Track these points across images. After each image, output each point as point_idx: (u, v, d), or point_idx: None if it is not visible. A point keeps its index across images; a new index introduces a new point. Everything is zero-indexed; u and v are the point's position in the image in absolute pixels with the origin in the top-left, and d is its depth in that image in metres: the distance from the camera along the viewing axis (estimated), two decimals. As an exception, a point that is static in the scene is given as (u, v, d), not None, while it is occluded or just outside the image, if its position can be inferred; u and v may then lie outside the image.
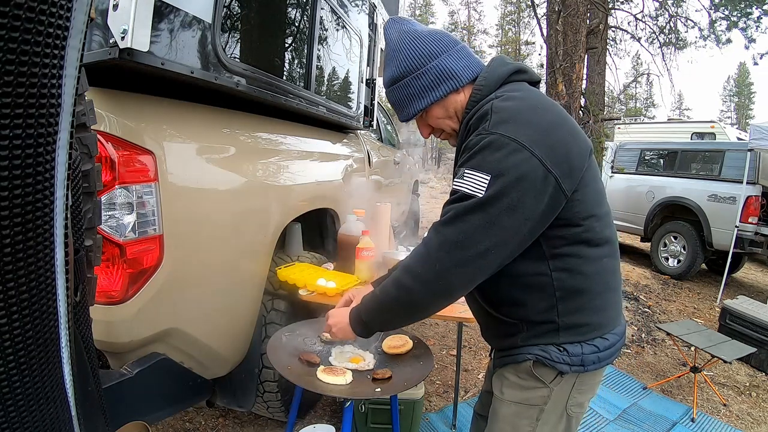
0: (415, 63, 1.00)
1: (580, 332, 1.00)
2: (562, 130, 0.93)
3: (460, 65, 1.00)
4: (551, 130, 0.91)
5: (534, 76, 1.05)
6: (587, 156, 0.96)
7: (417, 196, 5.83)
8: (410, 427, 1.98)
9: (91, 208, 0.66)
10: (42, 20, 0.38)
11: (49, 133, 0.41)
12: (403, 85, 1.02)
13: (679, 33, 7.33)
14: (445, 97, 1.02)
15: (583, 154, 0.94)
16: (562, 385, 1.03)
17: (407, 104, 1.04)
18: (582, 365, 1.00)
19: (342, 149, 2.63)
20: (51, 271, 0.45)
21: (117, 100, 1.26)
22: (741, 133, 8.08)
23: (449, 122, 1.06)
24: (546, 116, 0.93)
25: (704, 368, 2.82)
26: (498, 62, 1.03)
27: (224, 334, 1.62)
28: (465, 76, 1.00)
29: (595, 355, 1.01)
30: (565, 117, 0.97)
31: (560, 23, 5.04)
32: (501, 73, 1.00)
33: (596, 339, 1.01)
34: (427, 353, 1.44)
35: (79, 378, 0.58)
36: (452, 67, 0.99)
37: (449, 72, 0.99)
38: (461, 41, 1.05)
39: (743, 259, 6.16)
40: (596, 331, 1.01)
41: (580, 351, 0.99)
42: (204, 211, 1.44)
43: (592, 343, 1.00)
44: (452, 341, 3.27)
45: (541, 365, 1.01)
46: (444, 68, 0.99)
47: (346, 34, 2.49)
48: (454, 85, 1.00)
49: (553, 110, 0.96)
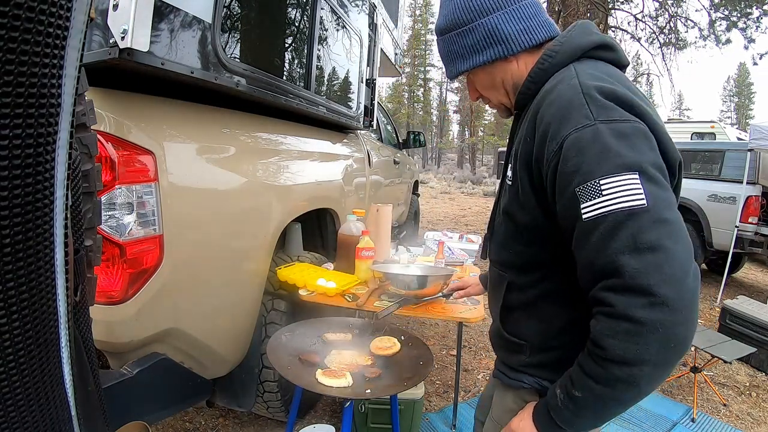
0: (463, 17, 0.85)
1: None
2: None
3: (515, 28, 0.83)
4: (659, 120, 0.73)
5: (623, 58, 0.84)
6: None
7: (417, 196, 5.84)
8: (410, 427, 1.98)
9: (91, 208, 0.66)
10: (42, 20, 0.38)
11: (49, 133, 0.41)
12: (447, 39, 0.89)
13: (679, 33, 7.33)
14: (491, 64, 0.86)
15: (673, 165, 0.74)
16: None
17: (450, 62, 0.91)
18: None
19: (342, 149, 2.63)
20: (51, 271, 0.45)
21: (117, 100, 1.26)
22: (741, 133, 8.07)
23: (496, 94, 0.91)
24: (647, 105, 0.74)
25: (704, 368, 2.82)
26: (580, 29, 0.83)
27: (224, 334, 1.62)
28: (519, 43, 0.83)
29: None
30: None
31: (560, 23, 5.04)
32: (582, 44, 0.80)
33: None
34: (427, 353, 1.44)
35: (79, 378, 0.58)
36: (504, 29, 0.83)
37: (499, 35, 0.83)
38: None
39: (743, 259, 6.15)
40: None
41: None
42: (204, 211, 1.44)
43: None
44: (452, 341, 3.27)
45: (539, 396, 0.88)
46: (493, 29, 0.83)
47: (346, 34, 2.49)
48: (502, 51, 0.84)
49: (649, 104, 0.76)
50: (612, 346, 0.64)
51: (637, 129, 0.69)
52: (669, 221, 0.64)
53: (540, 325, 0.85)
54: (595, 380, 0.68)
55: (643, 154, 0.67)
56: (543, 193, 0.76)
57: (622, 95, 0.71)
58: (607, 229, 0.65)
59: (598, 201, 0.66)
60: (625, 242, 0.63)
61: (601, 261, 0.66)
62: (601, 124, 0.68)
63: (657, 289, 0.61)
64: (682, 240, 0.64)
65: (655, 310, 0.61)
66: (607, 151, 0.66)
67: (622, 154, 0.66)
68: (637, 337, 0.62)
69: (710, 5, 7.11)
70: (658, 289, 0.61)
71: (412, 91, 38.07)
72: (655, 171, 0.67)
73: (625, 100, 0.71)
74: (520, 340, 0.89)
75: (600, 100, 0.70)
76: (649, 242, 0.62)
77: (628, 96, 0.71)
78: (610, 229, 0.65)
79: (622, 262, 0.63)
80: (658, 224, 0.63)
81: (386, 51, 3.77)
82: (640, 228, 0.63)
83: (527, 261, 0.86)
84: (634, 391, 0.66)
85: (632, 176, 0.65)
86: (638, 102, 0.71)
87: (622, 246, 0.63)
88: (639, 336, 0.62)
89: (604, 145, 0.67)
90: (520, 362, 0.90)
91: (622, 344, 0.63)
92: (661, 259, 0.62)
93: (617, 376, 0.65)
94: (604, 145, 0.67)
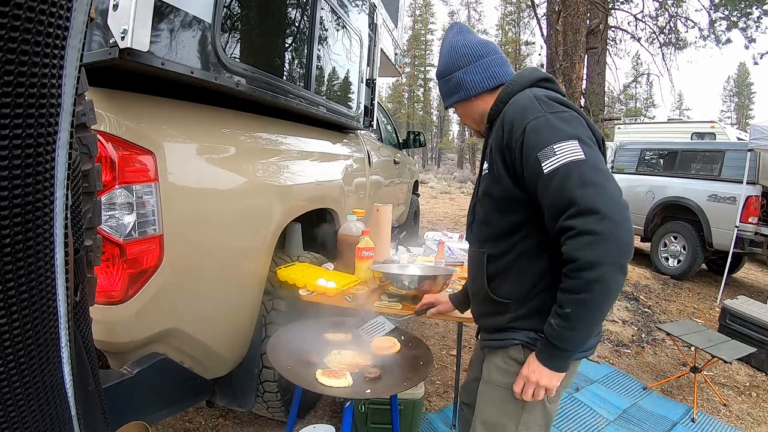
0: (445, 70, 1.21)
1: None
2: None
3: (474, 80, 1.17)
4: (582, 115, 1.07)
5: (561, 88, 1.17)
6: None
7: (417, 196, 5.83)
8: (410, 427, 1.98)
9: (91, 208, 0.66)
10: (42, 20, 0.38)
11: (49, 133, 0.41)
12: (440, 83, 1.25)
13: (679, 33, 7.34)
14: (461, 103, 1.21)
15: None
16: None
17: (443, 99, 1.27)
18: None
19: (342, 149, 2.63)
20: (51, 271, 0.45)
21: (117, 100, 1.26)
22: (741, 133, 8.07)
23: (470, 122, 1.26)
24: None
25: (704, 368, 2.82)
26: (531, 70, 1.18)
27: (224, 334, 1.62)
28: (476, 89, 1.17)
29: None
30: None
31: (560, 23, 5.04)
32: (532, 77, 1.13)
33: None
34: (427, 353, 1.44)
35: (79, 378, 0.58)
36: (465, 80, 1.17)
37: (461, 84, 1.18)
38: (494, 53, 1.19)
39: (743, 259, 6.15)
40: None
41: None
42: (204, 211, 1.44)
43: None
44: (452, 341, 3.27)
45: (528, 350, 1.08)
46: (459, 80, 1.18)
47: (346, 34, 2.49)
48: (465, 95, 1.19)
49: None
50: (581, 256, 0.90)
51: (574, 116, 1.03)
52: (602, 169, 0.95)
53: (518, 281, 1.10)
54: (576, 291, 0.93)
55: (580, 130, 0.99)
56: (513, 168, 1.04)
57: (562, 100, 1.07)
58: (562, 176, 0.94)
59: (553, 159, 0.95)
60: (575, 181, 0.92)
61: (560, 199, 0.94)
62: (549, 115, 1.01)
63: (602, 209, 0.89)
64: (612, 181, 0.95)
65: (604, 223, 0.89)
66: (555, 128, 0.98)
67: (566, 130, 0.98)
68: (596, 245, 0.89)
69: (710, 5, 7.11)
70: (603, 209, 0.89)
71: (412, 91, 38.07)
72: (588, 140, 0.99)
73: (565, 102, 1.06)
74: (505, 299, 1.12)
75: (547, 102, 1.03)
76: (591, 180, 0.92)
77: (566, 101, 1.07)
78: (563, 175, 0.94)
79: (575, 195, 0.92)
80: (595, 169, 0.94)
81: (386, 51, 3.77)
82: (583, 172, 0.93)
83: (503, 229, 1.11)
84: (605, 290, 0.91)
85: (574, 142, 0.96)
86: (574, 105, 1.06)
87: (574, 184, 0.92)
88: (597, 243, 0.89)
89: (553, 126, 0.98)
90: (508, 320, 1.12)
91: (587, 252, 0.90)
92: (600, 191, 0.91)
93: (590, 278, 0.90)
94: (553, 125, 0.99)
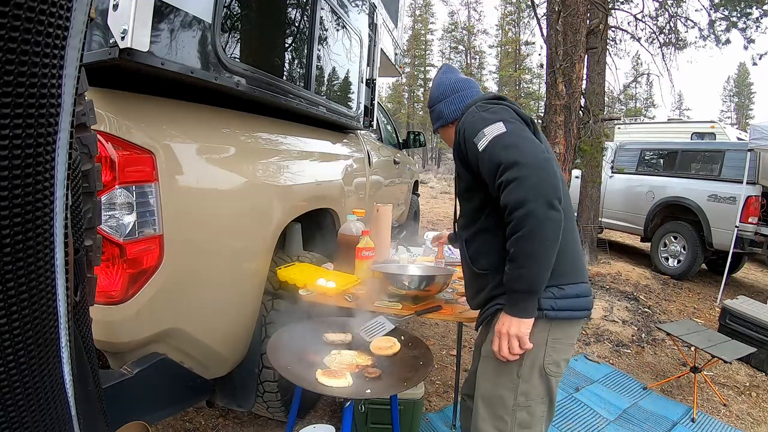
0: (430, 102, 1.50)
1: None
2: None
3: (449, 109, 1.44)
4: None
5: (504, 97, 1.41)
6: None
7: (417, 196, 5.83)
8: (410, 427, 1.98)
9: (91, 208, 0.66)
10: (42, 20, 0.38)
11: (49, 133, 0.41)
12: (430, 111, 1.51)
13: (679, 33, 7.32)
14: (442, 128, 1.49)
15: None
16: (535, 338, 1.17)
17: (432, 123, 1.53)
18: (551, 309, 1.19)
19: (342, 149, 2.63)
20: (51, 271, 0.45)
21: (117, 100, 1.26)
22: (741, 133, 8.07)
23: (450, 143, 1.47)
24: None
25: (704, 368, 2.82)
26: (481, 95, 1.43)
27: (224, 334, 1.62)
28: (451, 116, 1.44)
29: (565, 301, 1.20)
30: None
31: (560, 23, 5.03)
32: (480, 98, 1.39)
33: (565, 285, 1.22)
34: (427, 353, 1.44)
35: (79, 378, 0.58)
36: (444, 110, 1.45)
37: (442, 113, 1.45)
38: (468, 89, 1.44)
39: (743, 259, 6.15)
40: (561, 278, 1.21)
41: (549, 294, 1.20)
42: (204, 211, 1.44)
43: (559, 286, 1.21)
44: (452, 341, 3.27)
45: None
46: (439, 111, 1.46)
47: (346, 34, 2.49)
48: (443, 122, 1.47)
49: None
50: (510, 200, 1.11)
51: (502, 107, 1.27)
52: (522, 135, 1.18)
53: (491, 254, 1.29)
54: (513, 231, 1.12)
55: (504, 115, 1.23)
56: (466, 160, 1.28)
57: (496, 101, 1.32)
58: (491, 148, 1.18)
59: (483, 139, 1.20)
60: (500, 147, 1.16)
61: (492, 165, 1.16)
62: (480, 111, 1.27)
63: (520, 159, 1.12)
64: (530, 142, 1.17)
65: (523, 169, 1.11)
66: (484, 118, 1.23)
67: (492, 117, 1.22)
68: (519, 186, 1.10)
69: (710, 5, 7.10)
70: (521, 159, 1.12)
71: (412, 91, 38.05)
72: (512, 119, 1.22)
73: (496, 101, 1.32)
74: (485, 270, 1.31)
75: (481, 104, 1.30)
76: (512, 143, 1.16)
77: (500, 100, 1.33)
78: (491, 147, 1.18)
79: (500, 157, 1.15)
80: (515, 136, 1.17)
81: (386, 51, 3.77)
82: (505, 139, 1.17)
83: (471, 215, 1.35)
84: (537, 224, 1.09)
85: (498, 123, 1.20)
86: (506, 100, 1.33)
87: (498, 149, 1.16)
88: (520, 185, 1.10)
89: (483, 117, 1.24)
90: (490, 290, 1.30)
91: (513, 195, 1.11)
92: (520, 149, 1.14)
93: (521, 215, 1.10)
94: (483, 117, 1.24)
